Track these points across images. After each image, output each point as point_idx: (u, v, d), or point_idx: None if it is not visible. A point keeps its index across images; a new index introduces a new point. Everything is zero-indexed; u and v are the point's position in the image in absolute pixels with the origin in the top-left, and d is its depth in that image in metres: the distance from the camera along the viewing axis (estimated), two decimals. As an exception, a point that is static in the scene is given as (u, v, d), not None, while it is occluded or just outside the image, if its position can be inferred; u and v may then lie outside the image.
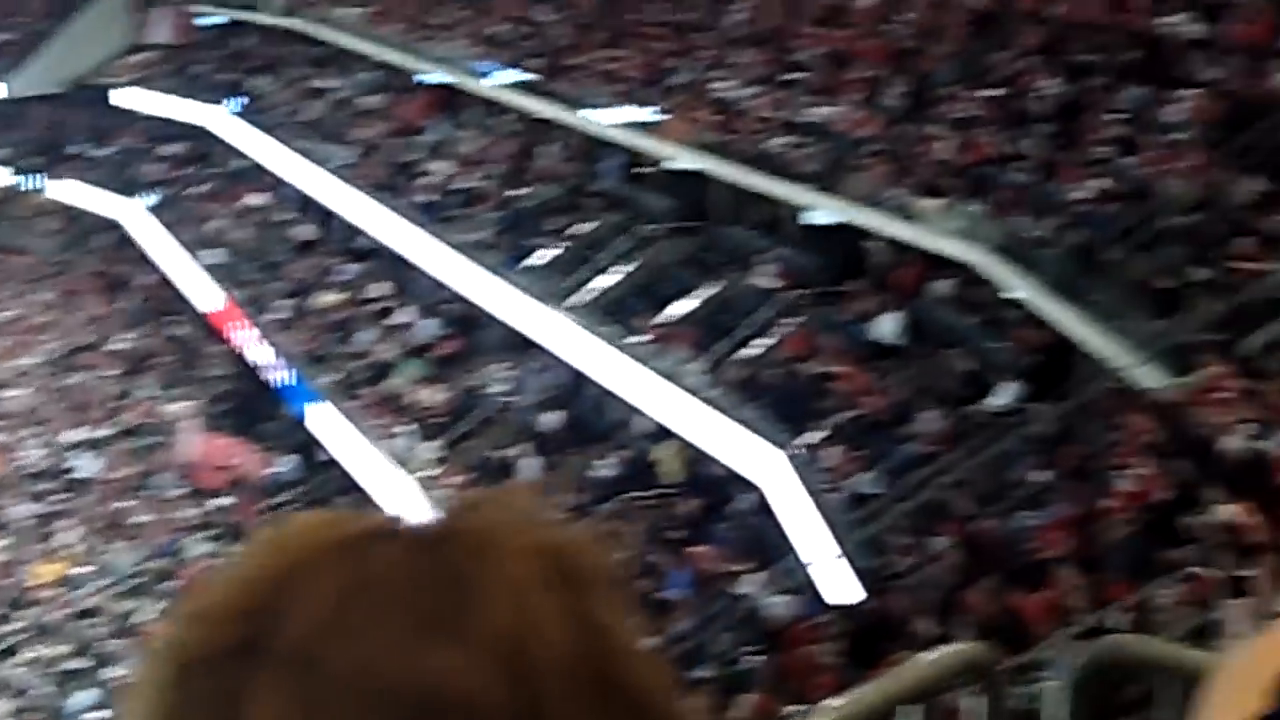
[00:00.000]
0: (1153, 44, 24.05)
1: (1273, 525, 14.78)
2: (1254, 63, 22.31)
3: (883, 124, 26.93)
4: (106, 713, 27.41)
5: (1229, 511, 15.67)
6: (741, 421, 24.54)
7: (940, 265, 24.67)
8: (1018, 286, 22.41)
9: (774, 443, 23.69)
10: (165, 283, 41.57)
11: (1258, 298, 18.98)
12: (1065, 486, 19.29)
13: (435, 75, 38.40)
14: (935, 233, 24.10)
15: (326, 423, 32.26)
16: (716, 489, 25.66)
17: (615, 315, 29.01)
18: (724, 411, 24.98)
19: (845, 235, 26.75)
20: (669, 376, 26.45)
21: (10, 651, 31.18)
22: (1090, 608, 16.38)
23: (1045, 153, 23.80)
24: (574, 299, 30.05)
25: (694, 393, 25.77)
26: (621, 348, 27.74)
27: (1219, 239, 20.22)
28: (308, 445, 33.07)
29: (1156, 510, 17.04)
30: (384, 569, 1.07)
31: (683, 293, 29.29)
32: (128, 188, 45.76)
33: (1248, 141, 21.26)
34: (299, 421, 33.50)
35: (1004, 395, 22.41)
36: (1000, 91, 25.56)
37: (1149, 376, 19.48)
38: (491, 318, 31.34)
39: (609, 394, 28.11)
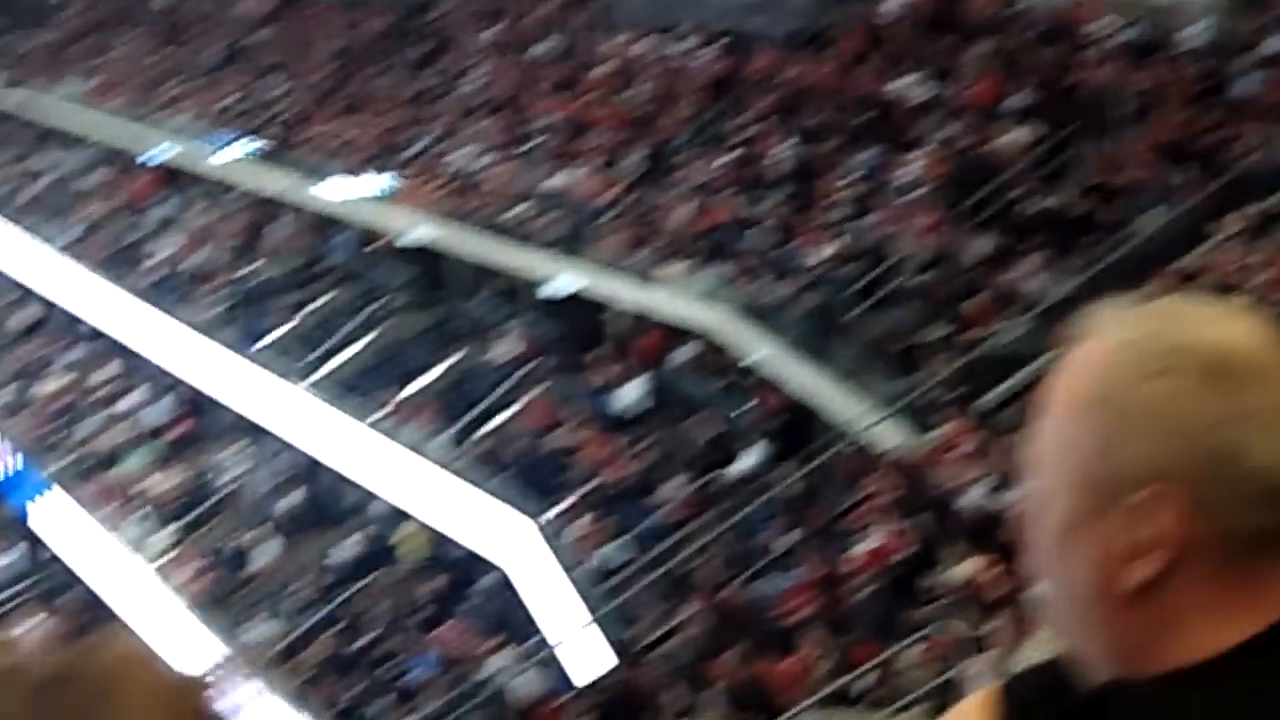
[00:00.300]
0: (884, 106, 24.26)
1: (1011, 579, 14.69)
2: (982, 122, 22.58)
3: (621, 191, 26.75)
4: None
5: (969, 567, 15.59)
6: (487, 494, 24.16)
7: (682, 331, 24.53)
8: (759, 350, 22.31)
9: (521, 515, 23.35)
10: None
11: (992, 354, 19.05)
12: (811, 549, 19.13)
13: (162, 150, 37.34)
14: (676, 299, 23.94)
15: (55, 512, 30.94)
16: (462, 566, 25.13)
17: (354, 392, 28.31)
18: (468, 486, 24.56)
19: (586, 303, 26.47)
20: (411, 452, 25.91)
21: None
22: (837, 671, 16.16)
23: (782, 216, 23.80)
24: (310, 376, 29.26)
25: (437, 467, 25.29)
26: (361, 425, 27.08)
27: (953, 297, 20.33)
28: (36, 536, 31.68)
29: (899, 569, 16.93)
30: (5, 711, 1.11)
31: (423, 367, 28.71)
32: None
33: (978, 200, 21.46)
34: (24, 512, 32.09)
35: (748, 459, 22.27)
36: (736, 156, 25.55)
37: (889, 435, 19.47)
38: (225, 399, 30.39)
39: (348, 473, 27.40)
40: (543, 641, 22.28)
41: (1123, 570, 1.55)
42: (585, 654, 21.19)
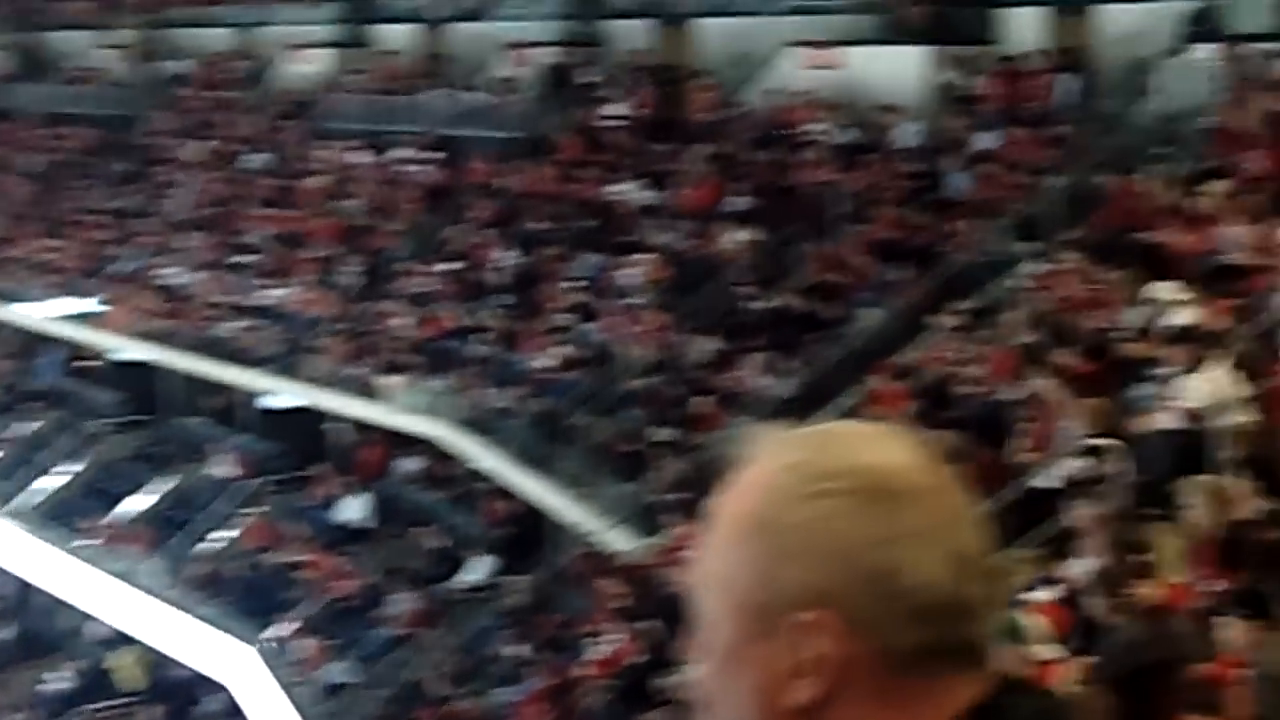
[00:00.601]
0: (604, 211, 24.27)
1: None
2: (701, 226, 22.68)
3: (339, 303, 26.31)
4: None
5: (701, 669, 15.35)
6: (205, 619, 23.44)
7: (406, 443, 24.15)
8: (485, 459, 22.01)
9: (242, 639, 22.66)
10: None
11: (718, 456, 18.97)
12: (541, 658, 18.80)
13: None
14: (398, 410, 23.55)
15: None
16: (182, 693, 24.28)
17: (63, 518, 27.22)
18: (186, 610, 23.79)
19: (306, 418, 25.94)
20: (124, 578, 25.00)
21: None
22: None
23: (505, 323, 23.60)
24: (15, 504, 28.07)
25: (152, 593, 24.41)
26: (71, 552, 26.04)
27: (678, 399, 20.26)
28: None
29: (631, 674, 16.67)
30: None
31: (135, 489, 27.75)
32: None
33: (700, 303, 21.51)
34: None
35: (476, 570, 21.92)
36: (457, 265, 25.32)
37: (618, 540, 19.25)
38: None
39: (60, 602, 26.29)
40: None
41: (785, 691, 1.58)
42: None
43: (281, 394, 26.16)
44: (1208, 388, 11.52)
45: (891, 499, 1.59)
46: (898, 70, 22.54)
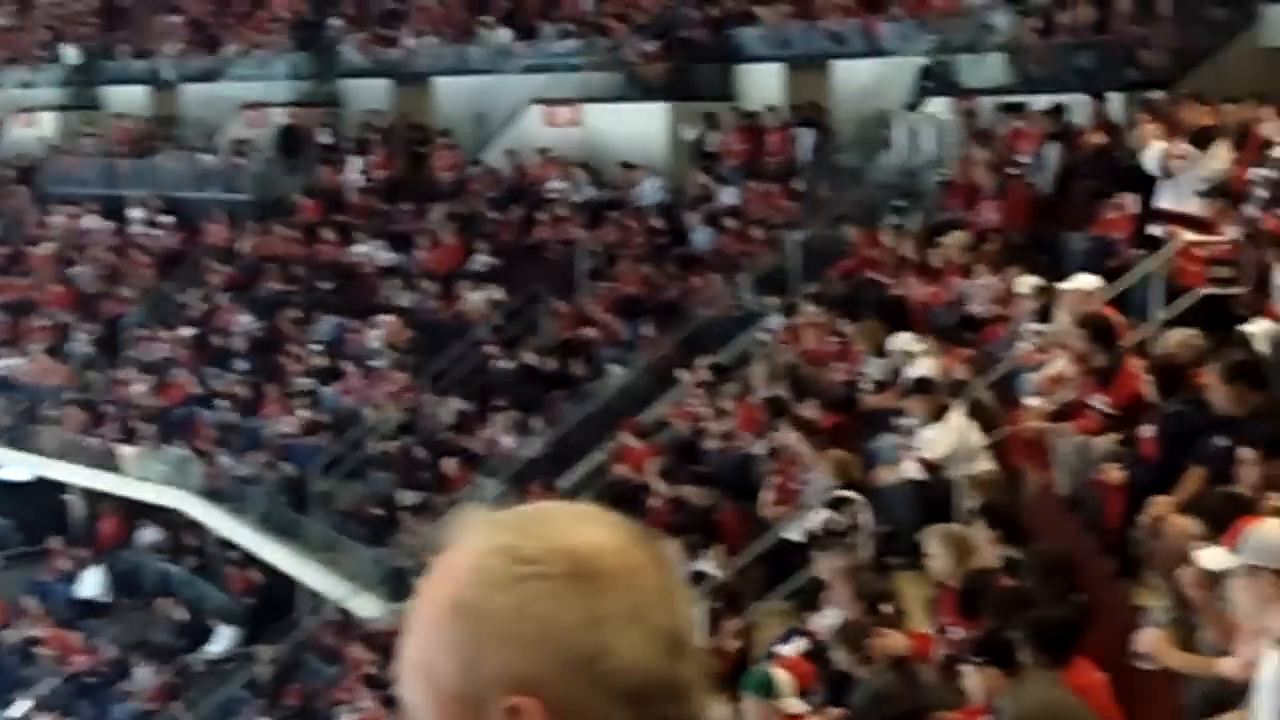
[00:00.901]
0: (345, 273, 24.03)
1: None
2: (444, 286, 22.55)
3: (73, 372, 25.61)
4: None
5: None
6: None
7: (146, 513, 23.58)
8: (227, 527, 21.55)
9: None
10: None
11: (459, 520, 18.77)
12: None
13: None
14: (137, 480, 22.95)
15: None
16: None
17: None
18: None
19: (41, 490, 25.19)
20: None
21: None
22: None
23: (245, 389, 23.15)
24: None
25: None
26: None
27: (425, 462, 20.06)
28: None
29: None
30: None
31: None
32: None
33: (445, 363, 21.37)
34: None
35: (222, 641, 21.43)
36: (194, 330, 24.83)
37: (367, 606, 18.94)
38: None
39: None
40: None
41: None
42: None
43: (15, 466, 25.41)
44: (947, 438, 11.69)
45: (596, 581, 1.57)
46: (638, 127, 22.72)
